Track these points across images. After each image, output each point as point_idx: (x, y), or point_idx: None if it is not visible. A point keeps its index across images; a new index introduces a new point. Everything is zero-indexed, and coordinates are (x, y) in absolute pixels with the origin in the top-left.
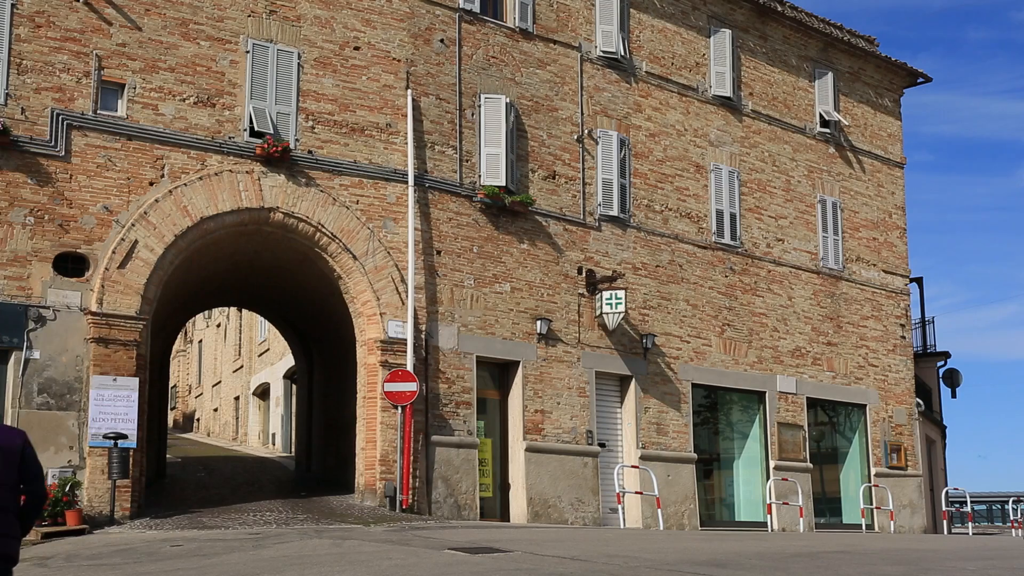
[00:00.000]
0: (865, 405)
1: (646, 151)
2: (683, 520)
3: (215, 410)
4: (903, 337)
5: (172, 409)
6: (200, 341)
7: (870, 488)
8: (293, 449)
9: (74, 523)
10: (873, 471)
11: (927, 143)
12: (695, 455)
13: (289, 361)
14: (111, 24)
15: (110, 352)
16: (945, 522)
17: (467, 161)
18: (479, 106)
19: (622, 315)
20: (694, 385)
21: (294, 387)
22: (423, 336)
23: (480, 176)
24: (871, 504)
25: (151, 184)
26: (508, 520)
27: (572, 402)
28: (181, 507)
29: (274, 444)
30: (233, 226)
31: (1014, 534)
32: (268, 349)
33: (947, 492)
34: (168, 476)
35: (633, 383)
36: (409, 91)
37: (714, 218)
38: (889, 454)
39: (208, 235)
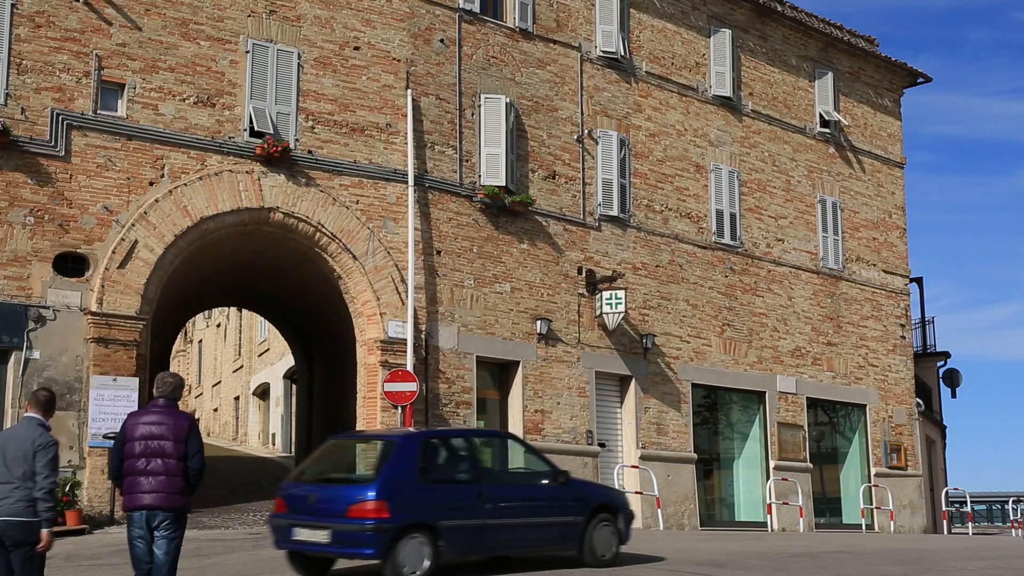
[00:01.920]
0: (865, 405)
1: (646, 151)
2: (683, 520)
3: (215, 410)
4: (903, 337)
5: None
6: (200, 341)
7: (870, 488)
8: (293, 449)
9: (74, 523)
10: (873, 471)
11: (927, 143)
12: (695, 455)
13: (289, 361)
14: (111, 24)
15: (110, 352)
16: (945, 522)
17: (467, 161)
18: (479, 106)
19: (622, 315)
20: (694, 385)
21: (294, 387)
22: (423, 336)
23: (480, 176)
24: (871, 504)
25: (151, 184)
26: None
27: (572, 402)
28: None
29: (274, 444)
30: (233, 226)
31: (1014, 534)
32: (268, 349)
33: (947, 492)
34: None
35: (633, 383)
36: (409, 91)
37: (714, 218)
38: (889, 454)
39: (208, 235)
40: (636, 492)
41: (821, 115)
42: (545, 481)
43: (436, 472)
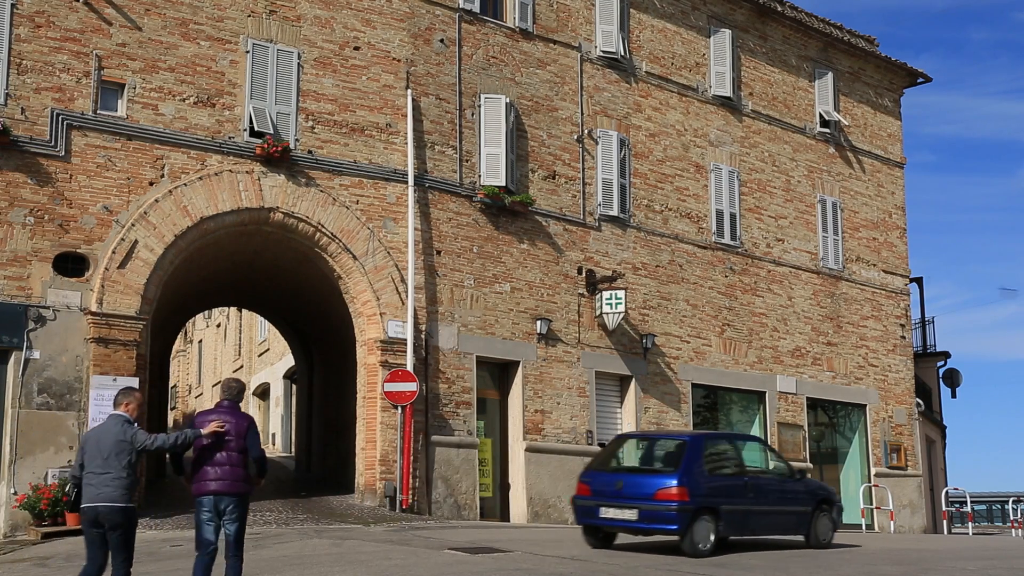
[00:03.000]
0: (865, 405)
1: (646, 151)
2: None
3: None
4: (903, 337)
5: (172, 409)
6: (200, 341)
7: (870, 488)
8: (293, 449)
9: (74, 523)
10: (873, 471)
11: (927, 143)
12: None
13: (289, 361)
14: (111, 24)
15: (110, 352)
16: (945, 522)
17: (467, 161)
18: (479, 106)
19: (622, 315)
20: (694, 385)
21: (294, 387)
22: (423, 336)
23: (480, 176)
24: (871, 504)
25: (151, 184)
26: (508, 520)
27: (572, 402)
28: (181, 507)
29: (274, 444)
30: (233, 226)
31: (1014, 534)
32: (268, 349)
33: (947, 492)
34: (168, 476)
35: (633, 383)
36: (409, 91)
37: (714, 218)
38: (889, 454)
39: (208, 235)
40: None
41: (821, 115)
42: (777, 476)
43: (714, 466)
